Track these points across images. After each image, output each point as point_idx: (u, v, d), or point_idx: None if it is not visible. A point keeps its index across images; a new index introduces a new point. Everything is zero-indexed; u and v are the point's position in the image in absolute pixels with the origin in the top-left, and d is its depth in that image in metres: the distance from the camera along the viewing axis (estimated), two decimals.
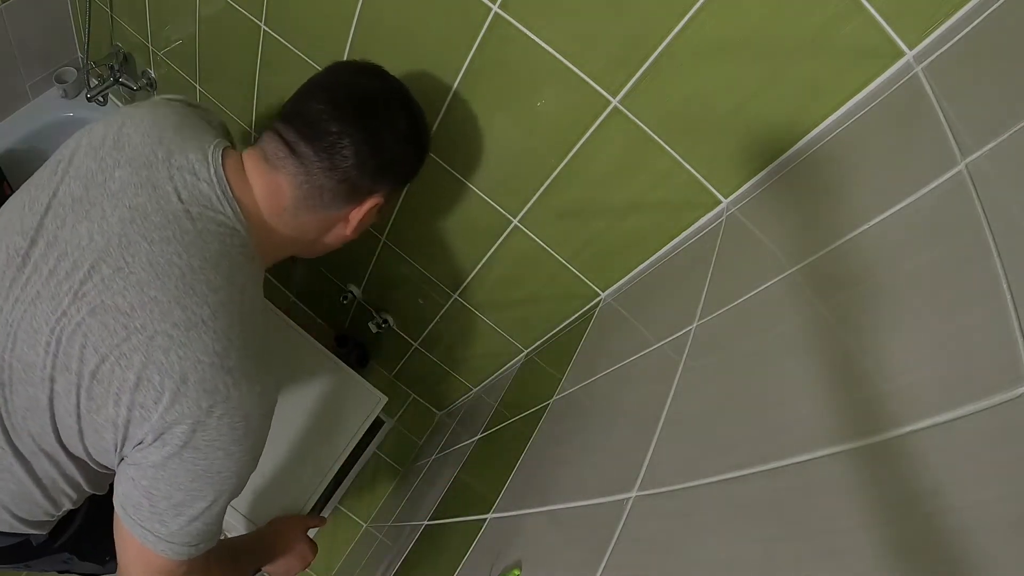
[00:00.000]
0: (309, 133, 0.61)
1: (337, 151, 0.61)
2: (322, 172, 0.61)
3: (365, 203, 0.66)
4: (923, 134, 0.46)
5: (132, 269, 0.53)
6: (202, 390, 0.53)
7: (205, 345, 0.53)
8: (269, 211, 0.63)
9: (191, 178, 0.58)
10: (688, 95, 0.65)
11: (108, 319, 0.52)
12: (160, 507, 0.55)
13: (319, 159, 0.61)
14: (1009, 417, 0.26)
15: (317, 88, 0.65)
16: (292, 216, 0.64)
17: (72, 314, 0.53)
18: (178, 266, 0.54)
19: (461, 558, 0.70)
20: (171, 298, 0.53)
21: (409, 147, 0.69)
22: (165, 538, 0.56)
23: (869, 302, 0.40)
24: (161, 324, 0.52)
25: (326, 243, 0.70)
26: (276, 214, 0.63)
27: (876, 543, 0.28)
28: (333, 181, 0.62)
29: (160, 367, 0.52)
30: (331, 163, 0.61)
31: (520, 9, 0.69)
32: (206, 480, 0.55)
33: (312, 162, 0.61)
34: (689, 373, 0.53)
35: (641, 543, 0.43)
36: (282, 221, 0.64)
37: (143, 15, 1.30)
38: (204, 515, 0.57)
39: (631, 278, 0.87)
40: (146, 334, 0.52)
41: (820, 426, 0.36)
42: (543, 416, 0.80)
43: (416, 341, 1.39)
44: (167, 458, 0.54)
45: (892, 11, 0.53)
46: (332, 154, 0.61)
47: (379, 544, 1.28)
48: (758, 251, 0.59)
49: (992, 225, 0.34)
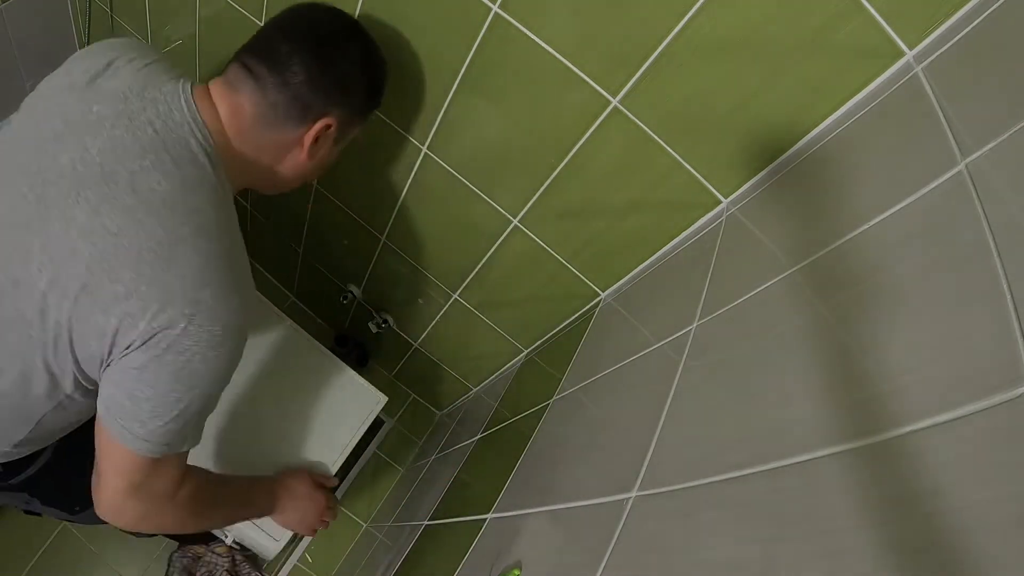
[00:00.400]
0: (264, 55, 0.67)
1: (288, 67, 0.66)
2: (275, 88, 0.66)
3: (316, 123, 0.70)
4: (923, 134, 0.46)
5: (116, 195, 0.58)
6: (186, 300, 0.58)
7: (188, 260, 0.59)
8: (233, 132, 0.68)
9: (164, 108, 0.63)
10: (688, 95, 0.65)
11: (97, 240, 0.58)
12: (141, 408, 0.60)
13: (272, 76, 0.66)
14: (1009, 417, 0.26)
15: (276, 20, 0.71)
16: (252, 136, 0.68)
17: (62, 236, 0.58)
18: (158, 192, 0.59)
19: (461, 558, 0.70)
20: (155, 220, 0.58)
21: (361, 73, 0.72)
22: (142, 437, 0.61)
23: (869, 302, 0.40)
24: (147, 242, 0.58)
25: (284, 169, 0.73)
26: (239, 134, 0.68)
27: (876, 543, 0.28)
28: (285, 96, 0.67)
29: (148, 279, 0.58)
30: (282, 79, 0.66)
31: (520, 9, 0.69)
32: (184, 383, 0.61)
33: (266, 79, 0.66)
34: (689, 373, 0.53)
35: (641, 543, 0.43)
36: (244, 141, 0.68)
37: (143, 15, 1.30)
38: (179, 417, 0.62)
39: (631, 278, 0.87)
40: (134, 251, 0.57)
41: (820, 426, 0.36)
42: (543, 416, 0.80)
43: (416, 341, 1.39)
44: (150, 360, 0.59)
45: (892, 11, 0.53)
46: (283, 71, 0.66)
47: (379, 544, 1.28)
48: (758, 251, 0.59)
49: (992, 225, 0.34)
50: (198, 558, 1.42)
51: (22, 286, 0.59)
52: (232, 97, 0.67)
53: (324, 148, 0.73)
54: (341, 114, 0.71)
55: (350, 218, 1.19)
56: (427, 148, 0.93)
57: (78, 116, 0.62)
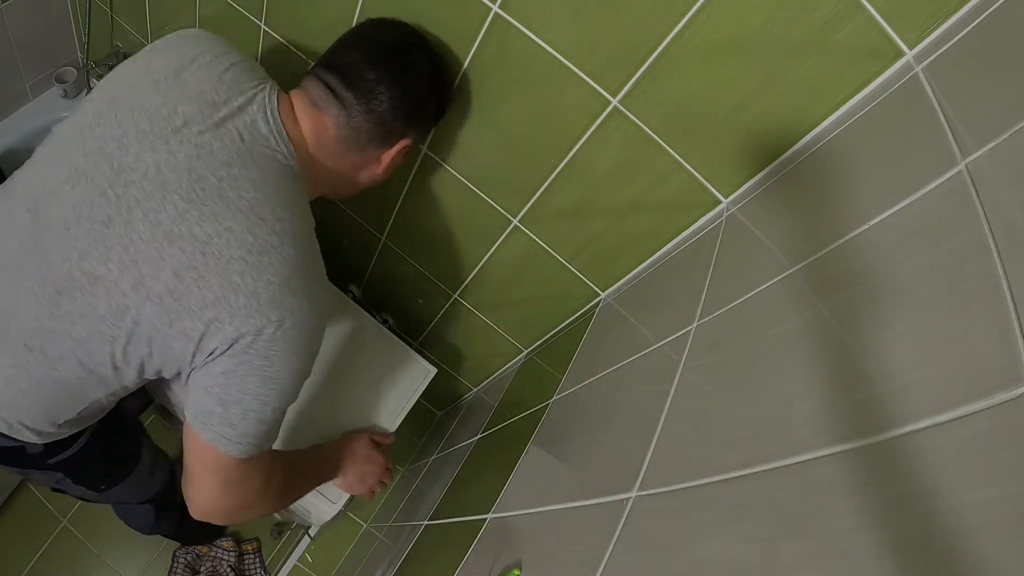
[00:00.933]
0: (349, 80, 0.69)
1: (374, 96, 0.69)
2: (361, 115, 0.70)
3: (396, 145, 0.74)
4: (923, 134, 0.46)
5: (205, 202, 0.60)
6: (272, 306, 0.60)
7: (275, 268, 0.61)
8: (315, 147, 0.71)
9: (250, 119, 0.65)
10: (688, 95, 0.65)
11: (186, 245, 0.59)
12: (231, 412, 0.62)
13: (358, 104, 0.69)
14: (1009, 417, 0.26)
15: (357, 41, 0.73)
16: (334, 152, 0.72)
17: (148, 239, 0.59)
18: (247, 200, 0.61)
19: (461, 558, 0.70)
20: (244, 227, 0.60)
21: (435, 98, 0.77)
22: (235, 439, 0.63)
23: (869, 302, 0.40)
24: (237, 251, 0.59)
25: (359, 181, 0.79)
26: (321, 150, 0.71)
27: (876, 543, 0.28)
28: (370, 123, 0.70)
29: (236, 287, 0.59)
30: (368, 107, 0.70)
31: (520, 9, 0.69)
32: (271, 385, 0.63)
33: (352, 106, 0.69)
34: (689, 373, 0.53)
35: (641, 543, 0.43)
36: (326, 156, 0.72)
37: (143, 15, 1.30)
38: (268, 418, 0.64)
39: (631, 278, 0.87)
40: (223, 259, 0.59)
41: (820, 426, 0.36)
42: (543, 416, 0.80)
43: (416, 341, 1.39)
44: (238, 365, 0.61)
45: (892, 11, 0.53)
46: (370, 99, 0.69)
47: (379, 544, 1.28)
48: (758, 251, 0.59)
49: (992, 225, 0.34)
50: (201, 555, 1.42)
51: (100, 283, 0.60)
52: (316, 116, 0.70)
53: (399, 160, 0.78)
54: (416, 134, 0.77)
55: (350, 218, 1.19)
56: (427, 148, 0.93)
57: (163, 116, 0.63)
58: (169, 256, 0.59)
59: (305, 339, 0.64)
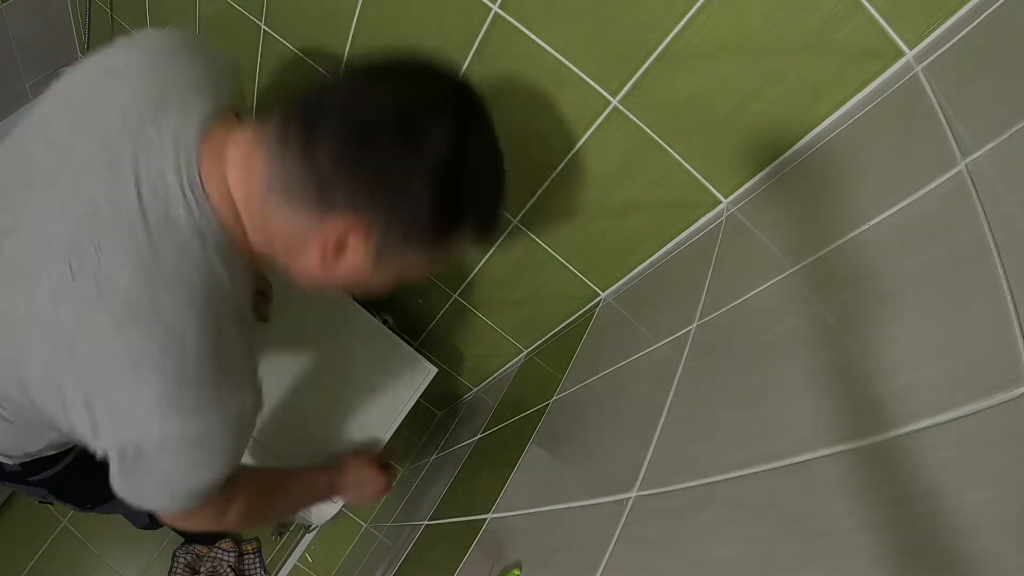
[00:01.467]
0: (311, 111, 0.50)
1: (319, 136, 0.49)
2: (297, 156, 0.49)
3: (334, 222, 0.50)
4: (923, 134, 0.46)
5: (78, 281, 0.47)
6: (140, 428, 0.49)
7: (149, 385, 0.47)
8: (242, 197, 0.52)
9: (155, 160, 0.49)
10: (688, 95, 0.65)
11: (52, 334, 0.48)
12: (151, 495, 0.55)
13: (300, 140, 0.49)
14: (1009, 417, 0.26)
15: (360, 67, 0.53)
16: (261, 208, 0.52)
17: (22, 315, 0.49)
18: (124, 287, 0.47)
19: (461, 558, 0.70)
20: (114, 326, 0.47)
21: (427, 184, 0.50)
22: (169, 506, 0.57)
23: (869, 302, 0.40)
24: (101, 353, 0.47)
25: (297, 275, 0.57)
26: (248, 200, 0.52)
27: (876, 543, 0.28)
28: (304, 169, 0.49)
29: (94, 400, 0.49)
30: (309, 148, 0.49)
31: (520, 9, 0.69)
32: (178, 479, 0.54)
33: (293, 141, 0.50)
34: (689, 373, 0.53)
35: (641, 543, 0.43)
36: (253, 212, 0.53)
37: (143, 15, 1.30)
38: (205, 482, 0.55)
39: (631, 278, 0.87)
40: (84, 361, 0.48)
41: (820, 426, 0.36)
42: (543, 416, 0.80)
43: (416, 341, 1.39)
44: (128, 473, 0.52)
45: (892, 11, 0.53)
46: (312, 139, 0.49)
47: (379, 544, 1.28)
48: (758, 251, 0.59)
49: (992, 225, 0.34)
50: (201, 555, 1.42)
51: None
52: (248, 150, 0.52)
53: (349, 264, 0.54)
54: (381, 222, 0.51)
55: None
56: None
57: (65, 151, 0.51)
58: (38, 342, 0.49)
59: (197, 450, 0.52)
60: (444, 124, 0.50)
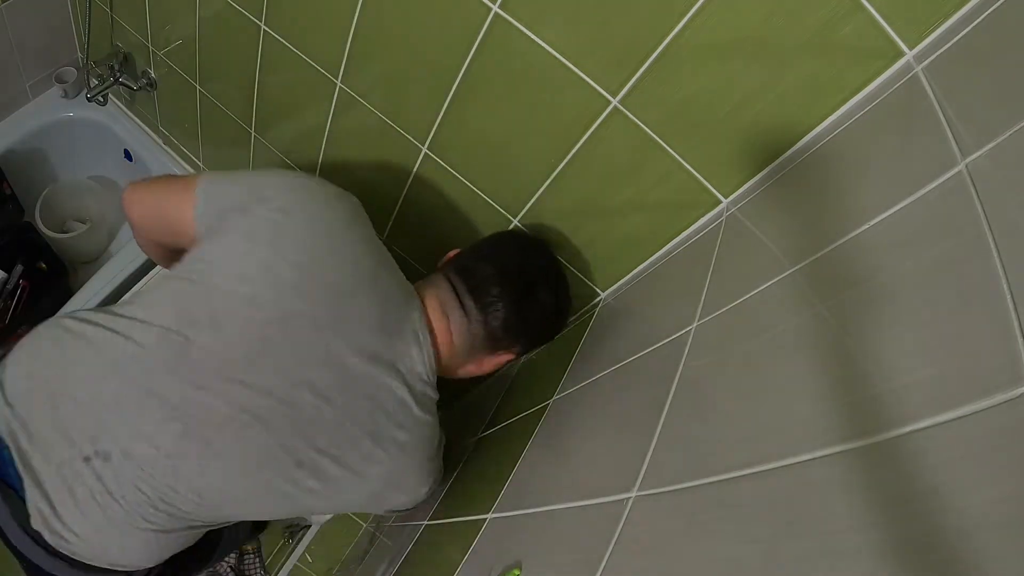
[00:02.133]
0: (475, 290, 0.78)
1: (491, 311, 0.78)
2: (478, 323, 0.78)
3: (500, 356, 0.83)
4: (923, 134, 0.46)
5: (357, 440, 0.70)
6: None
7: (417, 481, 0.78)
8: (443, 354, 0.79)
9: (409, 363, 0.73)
10: (688, 95, 0.65)
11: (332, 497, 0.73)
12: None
13: (479, 311, 0.78)
14: (1009, 417, 0.26)
15: (491, 253, 0.83)
16: (448, 352, 0.79)
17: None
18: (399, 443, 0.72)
19: (461, 558, 0.70)
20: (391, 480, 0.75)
21: (548, 326, 0.86)
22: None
23: (869, 302, 0.40)
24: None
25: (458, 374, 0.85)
26: (446, 355, 0.79)
27: (876, 543, 0.28)
28: (483, 331, 0.79)
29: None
30: (485, 318, 0.78)
31: (520, 9, 0.69)
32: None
33: (472, 313, 0.78)
34: (689, 373, 0.53)
35: (641, 543, 0.43)
36: (447, 357, 0.79)
37: (143, 15, 1.30)
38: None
39: (631, 278, 0.87)
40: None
41: (820, 426, 0.36)
42: (543, 416, 0.80)
43: None
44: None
45: (892, 11, 0.53)
46: (487, 311, 0.78)
47: (379, 544, 1.28)
48: (758, 251, 0.59)
49: (992, 225, 0.34)
50: None
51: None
52: (444, 324, 0.78)
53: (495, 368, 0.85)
54: (522, 349, 0.84)
55: None
56: (427, 148, 0.93)
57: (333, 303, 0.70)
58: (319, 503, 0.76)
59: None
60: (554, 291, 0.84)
